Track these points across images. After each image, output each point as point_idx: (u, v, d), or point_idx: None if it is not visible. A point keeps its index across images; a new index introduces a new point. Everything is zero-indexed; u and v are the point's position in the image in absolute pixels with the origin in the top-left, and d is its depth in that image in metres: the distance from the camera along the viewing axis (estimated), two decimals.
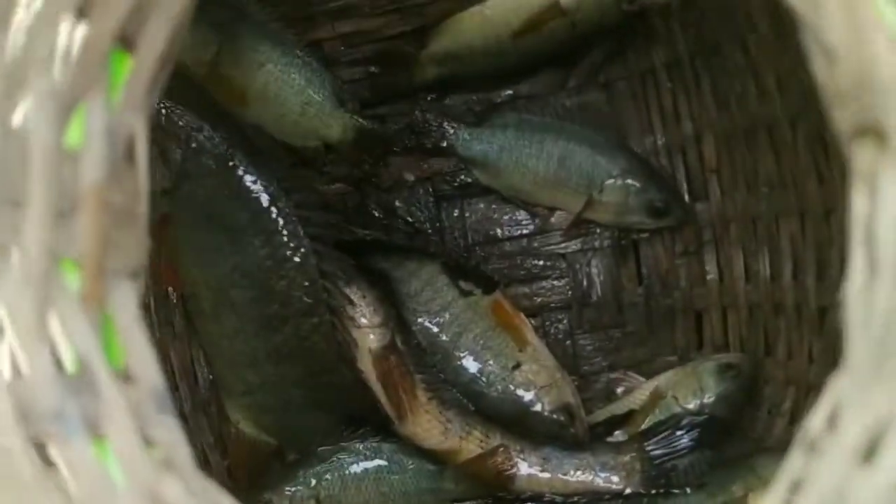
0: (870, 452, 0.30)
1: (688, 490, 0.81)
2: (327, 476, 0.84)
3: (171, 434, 0.38)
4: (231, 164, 0.79)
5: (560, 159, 0.89)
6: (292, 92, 0.88)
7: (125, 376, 0.40)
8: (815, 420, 0.34)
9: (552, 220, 0.92)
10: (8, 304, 0.37)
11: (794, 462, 0.33)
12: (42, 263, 0.39)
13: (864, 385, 0.31)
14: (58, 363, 0.38)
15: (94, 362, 0.39)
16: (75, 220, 0.41)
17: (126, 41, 0.35)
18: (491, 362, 0.86)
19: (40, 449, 0.36)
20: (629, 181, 0.88)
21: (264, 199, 0.79)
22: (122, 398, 0.39)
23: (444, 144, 0.92)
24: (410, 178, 0.94)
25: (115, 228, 0.42)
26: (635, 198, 0.88)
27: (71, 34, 0.35)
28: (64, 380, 0.37)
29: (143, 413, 0.39)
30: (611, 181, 0.88)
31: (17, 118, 0.36)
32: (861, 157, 0.31)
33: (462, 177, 0.93)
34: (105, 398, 0.38)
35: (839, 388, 0.33)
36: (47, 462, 0.36)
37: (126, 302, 0.40)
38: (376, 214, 0.93)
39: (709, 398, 0.85)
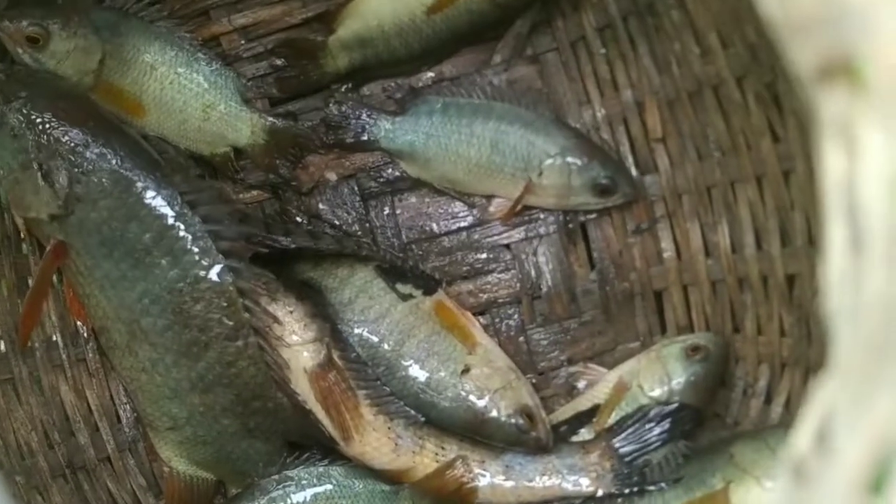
0: (879, 482, 0.23)
1: (663, 486, 0.76)
2: None
3: None
4: (127, 181, 0.72)
5: (493, 143, 0.82)
6: (192, 95, 0.82)
7: None
8: (801, 438, 0.27)
9: (491, 209, 0.85)
10: None
11: (780, 496, 0.26)
12: None
13: (859, 391, 0.24)
14: None
15: None
16: None
17: None
18: (439, 369, 0.79)
19: None
20: (569, 159, 0.81)
21: (168, 217, 0.73)
22: None
23: (366, 138, 0.84)
24: (332, 177, 0.86)
25: None
26: (578, 177, 0.81)
27: None
28: None
29: None
30: (550, 161, 0.81)
31: None
32: (831, 104, 0.24)
33: (389, 171, 0.86)
34: None
35: (827, 396, 0.26)
36: None
37: None
38: (299, 220, 0.85)
39: (677, 384, 0.79)
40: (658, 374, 0.80)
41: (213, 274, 0.73)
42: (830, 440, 0.26)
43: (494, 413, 0.78)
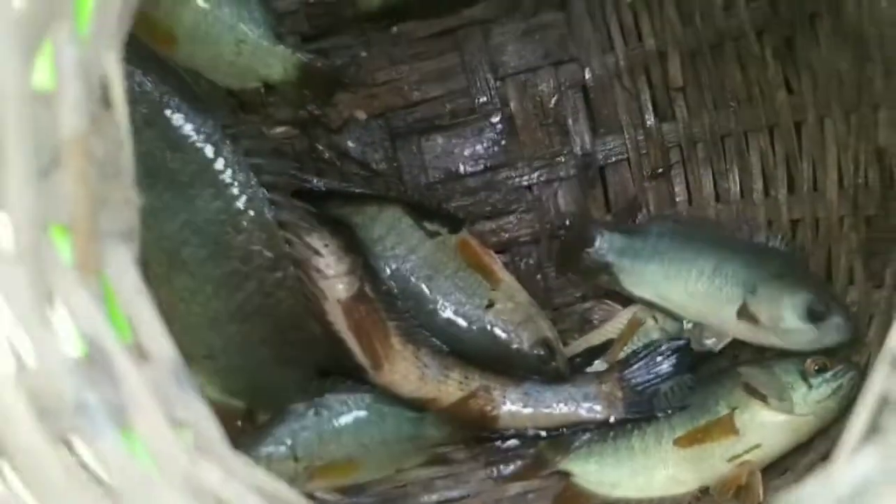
0: None
1: (670, 413, 0.81)
2: (304, 434, 0.80)
3: (196, 412, 0.34)
4: (168, 112, 0.73)
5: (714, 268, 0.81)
6: (224, 29, 0.81)
7: (138, 353, 0.35)
8: None
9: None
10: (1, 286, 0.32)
11: (877, 378, 0.31)
12: (31, 234, 0.33)
13: None
14: (66, 348, 0.33)
15: (105, 342, 0.34)
16: (58, 178, 0.36)
17: None
18: (465, 303, 0.82)
19: (66, 445, 0.31)
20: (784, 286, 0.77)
21: (209, 150, 0.73)
22: (143, 380, 0.34)
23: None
24: (362, 116, 0.88)
25: (102, 184, 0.37)
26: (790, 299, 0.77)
27: None
28: (79, 368, 0.32)
29: (165, 394, 0.35)
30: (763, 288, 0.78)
31: None
32: None
33: (416, 113, 0.88)
34: (125, 383, 0.33)
35: None
36: (75, 458, 0.32)
37: (125, 267, 0.36)
38: (327, 158, 0.87)
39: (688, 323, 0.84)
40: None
41: (256, 206, 0.74)
42: None
43: (517, 345, 0.82)
